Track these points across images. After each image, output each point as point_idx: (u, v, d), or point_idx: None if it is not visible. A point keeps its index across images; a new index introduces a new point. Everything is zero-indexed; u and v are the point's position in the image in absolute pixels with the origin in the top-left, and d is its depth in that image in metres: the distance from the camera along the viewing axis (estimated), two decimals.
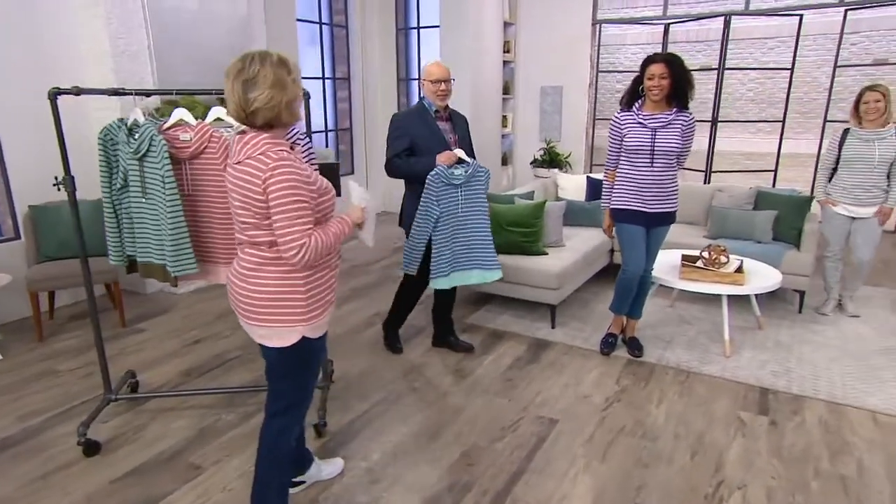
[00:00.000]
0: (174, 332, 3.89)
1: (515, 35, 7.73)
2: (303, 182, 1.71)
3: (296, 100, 1.76)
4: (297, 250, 1.70)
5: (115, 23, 4.16)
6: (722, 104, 11.07)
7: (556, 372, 3.32)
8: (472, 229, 3.19)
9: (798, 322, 3.99)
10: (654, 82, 3.02)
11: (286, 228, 1.69)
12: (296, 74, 1.76)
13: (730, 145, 10.99)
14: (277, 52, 1.76)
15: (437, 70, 3.14)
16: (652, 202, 3.16)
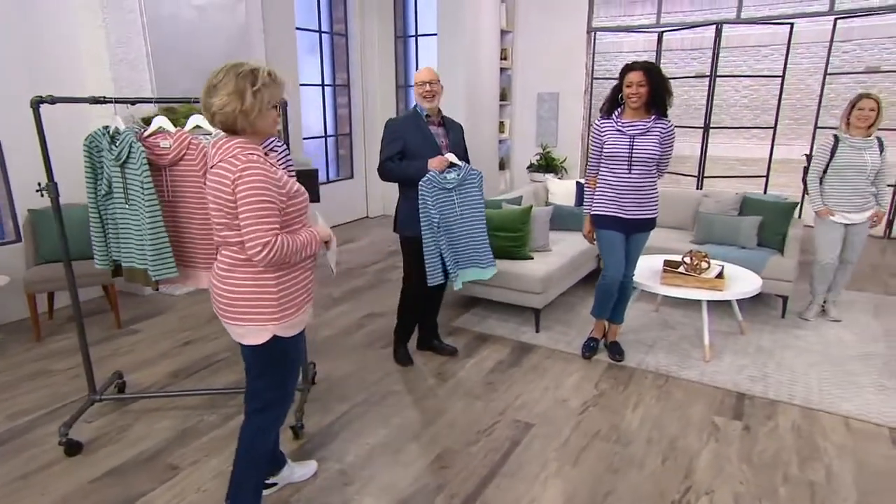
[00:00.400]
0: (167, 333, 3.89)
1: (513, 42, 7.70)
2: (271, 184, 1.73)
3: (254, 111, 1.74)
4: (260, 248, 1.71)
5: (113, 32, 4.17)
6: (716, 110, 11.02)
7: (537, 376, 3.29)
8: (470, 230, 3.18)
9: (780, 327, 3.93)
10: (633, 90, 2.99)
11: (251, 227, 1.71)
12: (263, 88, 1.74)
13: (725, 151, 10.90)
14: (256, 65, 1.77)
15: (422, 73, 3.12)
16: (630, 209, 3.12)
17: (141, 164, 2.38)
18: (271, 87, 1.78)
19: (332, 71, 7.20)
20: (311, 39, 6.80)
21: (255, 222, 1.70)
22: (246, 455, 1.99)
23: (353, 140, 7.55)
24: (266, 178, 1.71)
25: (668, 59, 10.75)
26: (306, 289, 1.94)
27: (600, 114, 3.22)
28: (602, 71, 11.62)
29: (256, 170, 1.71)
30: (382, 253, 5.93)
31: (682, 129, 10.98)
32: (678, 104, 11.09)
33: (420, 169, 3.05)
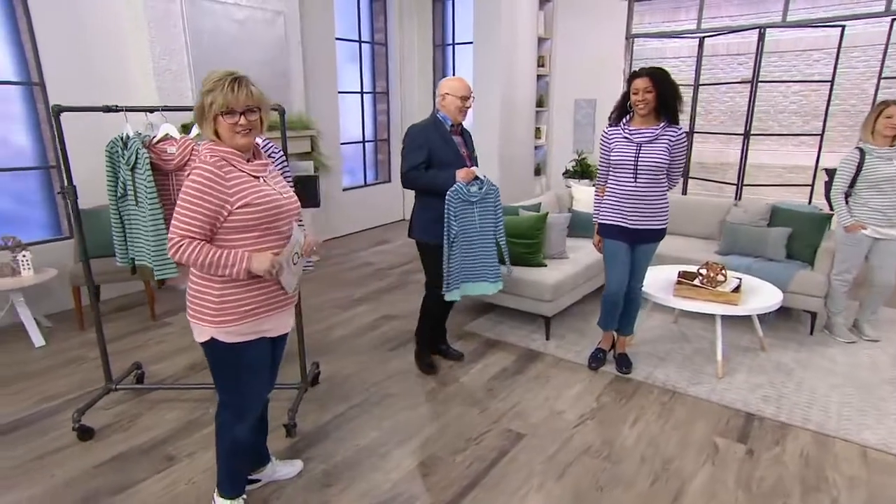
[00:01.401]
0: None
1: (551, 50, 7.50)
2: (212, 189, 1.69)
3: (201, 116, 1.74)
4: (169, 243, 1.72)
5: (158, 45, 4.32)
6: (763, 117, 10.37)
7: (539, 385, 3.14)
8: (483, 245, 3.09)
9: (807, 345, 3.61)
10: (639, 97, 2.81)
11: (172, 223, 1.73)
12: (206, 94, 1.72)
13: (772, 158, 10.23)
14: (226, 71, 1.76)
15: (462, 85, 2.97)
16: (635, 218, 2.93)
17: (145, 168, 2.43)
18: (213, 93, 1.70)
19: (372, 79, 7.23)
20: (353, 49, 6.85)
21: (175, 219, 1.71)
22: (219, 446, 2.02)
23: (391, 145, 7.56)
24: (206, 183, 1.68)
25: (712, 64, 10.20)
26: (258, 300, 1.83)
27: (608, 122, 3.05)
28: None
29: (201, 172, 1.70)
30: (411, 256, 5.89)
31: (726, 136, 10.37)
32: (723, 111, 10.50)
33: (447, 179, 2.93)
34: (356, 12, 6.77)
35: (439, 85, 3.04)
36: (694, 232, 4.73)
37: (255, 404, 2.03)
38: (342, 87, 6.63)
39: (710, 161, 10.55)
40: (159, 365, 3.39)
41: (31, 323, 3.72)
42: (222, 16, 4.67)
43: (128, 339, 3.79)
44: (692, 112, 6.54)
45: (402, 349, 3.60)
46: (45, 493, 2.26)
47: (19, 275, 3.71)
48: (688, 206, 4.82)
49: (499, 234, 3.13)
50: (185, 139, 2.49)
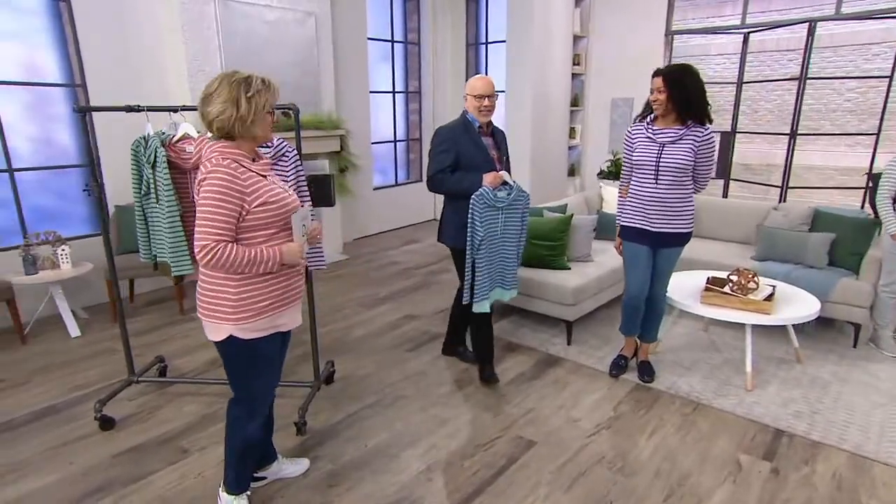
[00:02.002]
0: None
1: (587, 48, 7.33)
2: (231, 192, 1.72)
3: (249, 117, 1.76)
4: (199, 250, 1.73)
5: (192, 47, 4.44)
6: (813, 115, 9.82)
7: (555, 391, 3.06)
8: (505, 252, 2.96)
9: (849, 358, 3.39)
10: (653, 97, 2.69)
11: (199, 229, 1.73)
12: (256, 94, 1.76)
13: (823, 160, 9.69)
14: (248, 73, 1.80)
15: (480, 84, 2.85)
16: (657, 221, 2.81)
17: (163, 166, 2.48)
18: (265, 93, 1.79)
19: (404, 78, 7.24)
20: (385, 49, 6.87)
21: (203, 225, 1.72)
22: (228, 442, 2.05)
23: (422, 145, 7.56)
24: (227, 185, 1.71)
25: (759, 61, 9.73)
26: (273, 296, 1.88)
27: (637, 119, 2.94)
28: None
29: (219, 175, 1.71)
30: (438, 256, 5.87)
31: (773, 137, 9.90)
32: (769, 109, 10.02)
33: (474, 183, 2.81)
34: (389, 12, 6.79)
35: (466, 84, 2.97)
36: (730, 236, 4.52)
37: (268, 399, 2.09)
38: (374, 87, 6.67)
39: (755, 162, 10.09)
40: (183, 359, 3.48)
41: (68, 314, 3.88)
42: (254, 17, 4.76)
43: (156, 332, 3.90)
44: (735, 111, 6.27)
45: (421, 350, 3.58)
46: (62, 480, 2.34)
47: (59, 268, 3.88)
48: (724, 208, 4.61)
49: (522, 242, 3.02)
50: (203, 138, 2.52)
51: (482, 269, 2.87)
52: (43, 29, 4.11)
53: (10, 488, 2.30)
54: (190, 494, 2.25)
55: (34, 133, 4.18)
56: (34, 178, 4.19)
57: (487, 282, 2.91)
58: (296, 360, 3.36)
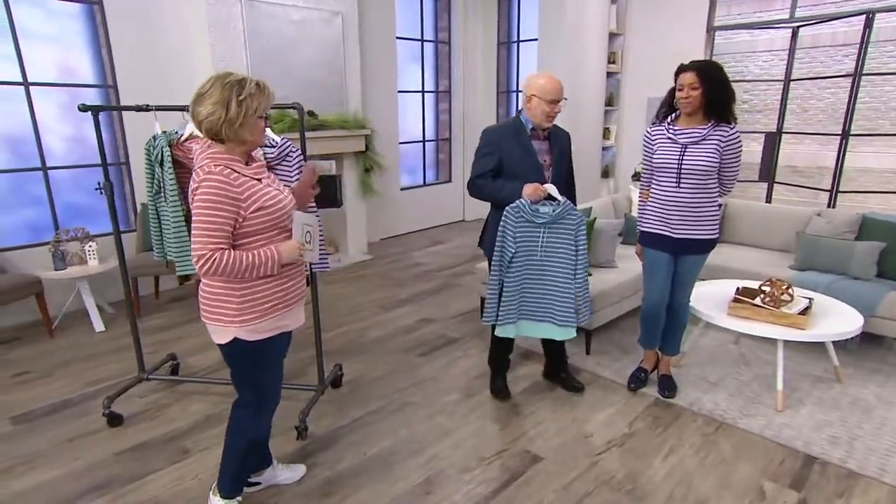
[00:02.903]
0: None
1: (623, 46, 7.10)
2: (225, 199, 1.70)
3: (237, 120, 1.73)
4: (197, 260, 1.71)
5: (218, 46, 4.49)
6: (872, 115, 9.18)
7: (569, 403, 2.93)
8: (552, 278, 2.65)
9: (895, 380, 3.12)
10: (684, 93, 2.53)
11: (195, 239, 1.71)
12: (248, 98, 1.73)
13: (880, 162, 9.05)
14: (243, 76, 1.77)
15: (554, 87, 2.54)
16: (678, 226, 2.64)
17: (168, 165, 2.49)
18: (257, 97, 1.76)
19: (435, 78, 7.18)
20: (415, 48, 6.83)
21: (199, 234, 1.69)
22: (231, 444, 2.03)
23: (452, 145, 7.48)
24: (220, 193, 1.68)
25: (811, 57, 9.17)
26: (278, 297, 1.88)
27: (655, 119, 2.77)
28: (733, 73, 10.26)
29: (213, 182, 1.69)
30: (462, 258, 5.78)
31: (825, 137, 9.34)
32: (821, 108, 9.44)
33: (514, 192, 2.59)
34: (419, 11, 6.74)
35: (527, 82, 2.63)
36: (768, 244, 4.26)
37: (275, 398, 2.08)
38: (403, 87, 6.63)
39: (803, 164, 9.54)
40: (197, 356, 3.51)
41: (93, 309, 3.98)
42: (280, 17, 4.79)
43: (176, 329, 3.96)
44: (781, 109, 5.93)
45: (434, 355, 3.50)
46: (65, 475, 2.37)
47: (86, 264, 3.99)
48: (763, 213, 4.35)
49: (579, 271, 2.64)
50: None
51: (511, 290, 2.65)
52: (78, 32, 4.24)
53: (17, 481, 2.35)
54: (185, 497, 2.24)
55: (69, 132, 4.31)
56: (68, 176, 4.33)
57: (514, 308, 2.68)
58: (303, 363, 3.33)
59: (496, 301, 2.71)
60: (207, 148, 1.77)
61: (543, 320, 2.74)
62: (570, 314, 2.69)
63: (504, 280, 2.66)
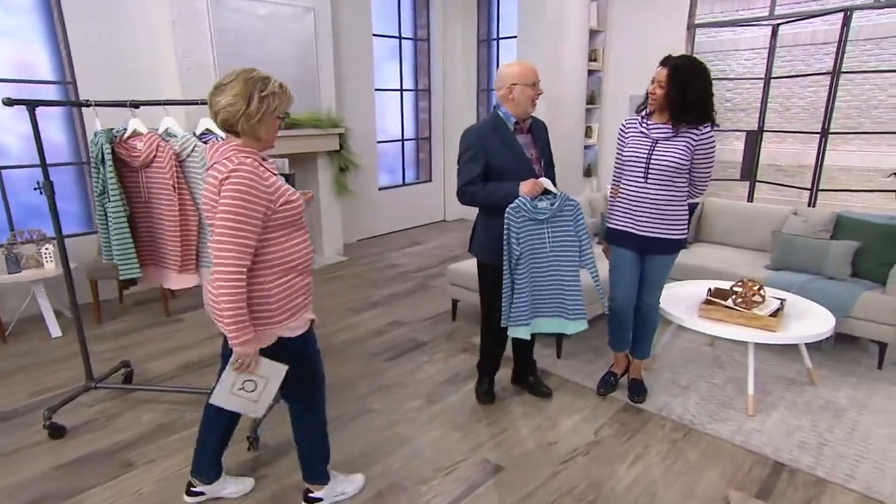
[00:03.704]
0: (205, 324, 3.97)
1: (604, 43, 7.04)
2: (257, 191, 1.65)
3: (256, 115, 1.69)
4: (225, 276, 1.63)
5: (183, 43, 4.36)
6: (853, 113, 9.19)
7: (535, 409, 2.83)
8: (561, 272, 2.56)
9: (870, 381, 3.05)
10: (652, 88, 2.44)
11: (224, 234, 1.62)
12: (271, 96, 1.71)
13: (863, 161, 9.07)
14: (267, 74, 1.75)
15: (532, 70, 2.44)
16: (644, 224, 2.56)
17: (109, 164, 2.37)
18: (279, 97, 1.74)
19: (414, 76, 7.08)
20: (393, 45, 6.72)
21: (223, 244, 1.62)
22: (304, 438, 2.09)
23: (432, 144, 7.39)
24: (253, 184, 1.63)
25: (793, 56, 9.16)
26: (302, 293, 1.86)
27: (634, 112, 2.68)
28: (716, 71, 10.22)
29: (244, 173, 1.63)
30: (439, 258, 5.68)
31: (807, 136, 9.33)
32: (803, 106, 9.44)
33: (510, 193, 2.47)
34: (397, 8, 6.64)
35: (499, 75, 2.51)
36: (746, 243, 4.19)
37: (323, 381, 2.11)
38: (381, 85, 6.52)
39: (786, 163, 9.53)
40: (156, 362, 3.38)
41: (49, 314, 3.84)
42: (248, 13, 4.66)
43: (137, 333, 3.83)
44: (762, 108, 5.89)
45: (401, 359, 3.40)
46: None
47: (42, 267, 3.85)
48: (739, 212, 4.28)
49: (585, 259, 2.55)
50: (151, 135, 2.40)
51: (522, 290, 2.54)
52: (34, 26, 4.09)
53: None
54: None
55: (25, 131, 4.16)
56: (25, 176, 4.18)
57: (528, 306, 2.56)
58: None
59: (509, 303, 2.59)
60: (226, 142, 1.72)
61: (555, 315, 2.64)
62: (579, 306, 2.59)
63: (515, 282, 2.55)
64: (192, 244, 2.46)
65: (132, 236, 2.47)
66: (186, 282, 2.52)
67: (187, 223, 2.43)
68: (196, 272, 2.53)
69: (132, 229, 2.50)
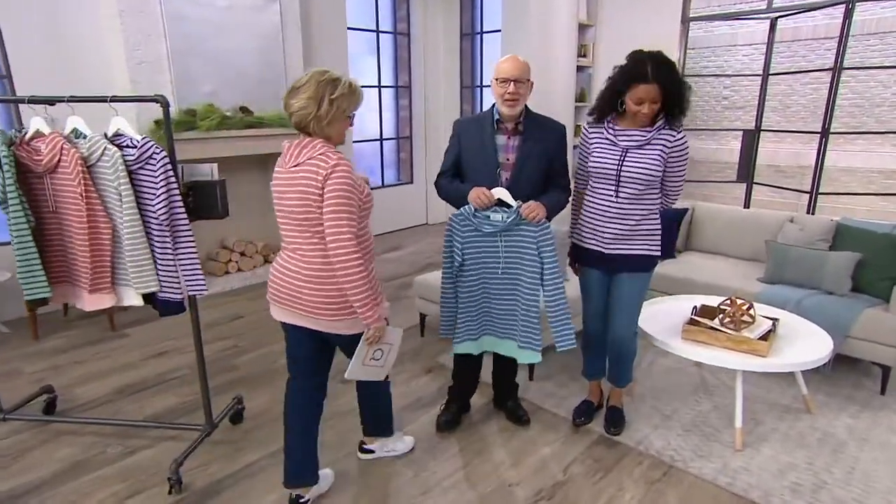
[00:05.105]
0: (149, 341, 3.71)
1: (594, 38, 6.81)
2: (355, 183, 1.82)
3: (327, 118, 1.81)
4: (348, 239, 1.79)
5: (131, 34, 4.10)
6: (856, 112, 8.94)
7: (500, 441, 2.59)
8: (515, 293, 2.36)
9: (873, 409, 2.81)
10: (644, 108, 2.17)
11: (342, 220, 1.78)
12: (340, 97, 1.81)
13: (867, 161, 8.83)
14: (339, 75, 1.84)
15: (506, 65, 2.28)
16: (612, 242, 2.32)
17: (6, 168, 2.11)
18: (348, 98, 1.84)
19: (394, 71, 6.83)
20: (371, 39, 6.47)
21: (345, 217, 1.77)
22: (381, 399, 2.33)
23: (413, 143, 7.14)
24: (352, 177, 1.81)
25: (793, 51, 8.91)
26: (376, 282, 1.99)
27: (589, 118, 2.44)
28: (713, 67, 9.96)
29: (345, 166, 1.79)
30: (416, 266, 5.43)
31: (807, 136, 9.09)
32: (804, 105, 9.20)
33: (466, 196, 2.31)
34: (374, 0, 6.38)
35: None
36: (738, 252, 3.95)
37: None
38: (357, 81, 6.27)
39: (785, 164, 9.29)
40: (87, 386, 3.12)
41: None
42: (205, 3, 4.40)
43: (75, 351, 3.57)
44: (759, 106, 5.65)
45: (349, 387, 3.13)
46: None
47: None
48: (733, 219, 4.04)
49: (547, 286, 2.31)
50: (54, 136, 2.15)
51: (470, 303, 2.39)
52: None
53: None
54: None
55: None
56: None
57: (476, 321, 2.42)
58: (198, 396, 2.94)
59: (452, 314, 2.44)
60: (311, 139, 1.84)
61: (505, 338, 2.45)
62: (534, 335, 2.36)
63: (459, 293, 2.39)
64: (104, 260, 2.21)
65: (38, 250, 2.21)
66: (100, 302, 2.26)
67: (98, 236, 2.18)
68: (111, 291, 2.27)
69: (40, 242, 2.25)
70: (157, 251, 2.21)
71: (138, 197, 2.16)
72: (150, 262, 2.21)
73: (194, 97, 4.43)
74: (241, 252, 5.09)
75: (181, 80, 4.36)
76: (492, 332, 2.47)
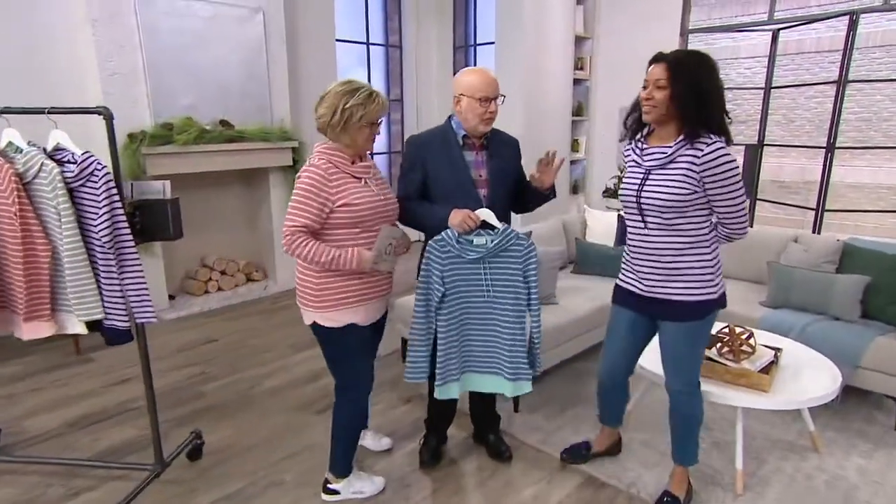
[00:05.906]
0: (113, 366, 3.54)
1: (592, 51, 6.71)
2: (316, 190, 1.92)
3: (338, 126, 1.95)
4: (284, 234, 1.93)
5: (104, 45, 3.99)
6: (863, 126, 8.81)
7: (477, 482, 2.40)
8: (499, 323, 2.17)
9: (886, 447, 2.61)
10: (646, 93, 1.90)
11: (287, 216, 1.94)
12: (355, 106, 1.93)
13: (874, 177, 8.67)
14: (359, 85, 2.00)
15: (481, 81, 2.10)
16: (648, 281, 2.04)
17: None
18: (363, 107, 1.94)
19: (385, 85, 6.74)
20: (361, 52, 6.38)
21: (290, 213, 1.93)
22: (333, 427, 2.22)
23: None
24: (315, 183, 1.91)
25: (797, 64, 8.81)
26: (350, 291, 2.03)
27: (623, 135, 2.13)
28: None
29: (310, 173, 1.93)
30: (403, 286, 5.25)
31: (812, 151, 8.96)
32: (808, 118, 9.08)
33: (443, 221, 2.12)
34: (364, 11, 6.30)
35: (453, 81, 2.23)
36: (740, 273, 3.78)
37: (365, 384, 2.20)
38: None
39: (790, 179, 9.13)
40: (39, 417, 2.94)
41: None
42: (184, 13, 4.30)
43: (33, 378, 3.40)
44: (762, 120, 5.52)
45: (321, 416, 2.96)
46: None
47: None
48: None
49: (533, 313, 2.19)
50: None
51: (449, 340, 2.16)
52: None
53: None
54: None
55: None
56: None
57: (455, 360, 2.20)
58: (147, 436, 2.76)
59: (424, 353, 2.20)
60: (321, 143, 2.03)
61: (489, 372, 2.25)
62: (522, 365, 2.19)
63: (438, 329, 2.15)
64: (41, 284, 2.05)
65: None
66: (37, 331, 2.10)
67: (35, 259, 2.02)
68: (50, 319, 2.11)
69: None
70: (102, 276, 2.05)
71: (80, 217, 2.01)
72: (94, 288, 2.05)
73: (172, 110, 4.31)
74: (221, 270, 4.94)
75: (158, 93, 4.24)
76: (474, 368, 2.26)
